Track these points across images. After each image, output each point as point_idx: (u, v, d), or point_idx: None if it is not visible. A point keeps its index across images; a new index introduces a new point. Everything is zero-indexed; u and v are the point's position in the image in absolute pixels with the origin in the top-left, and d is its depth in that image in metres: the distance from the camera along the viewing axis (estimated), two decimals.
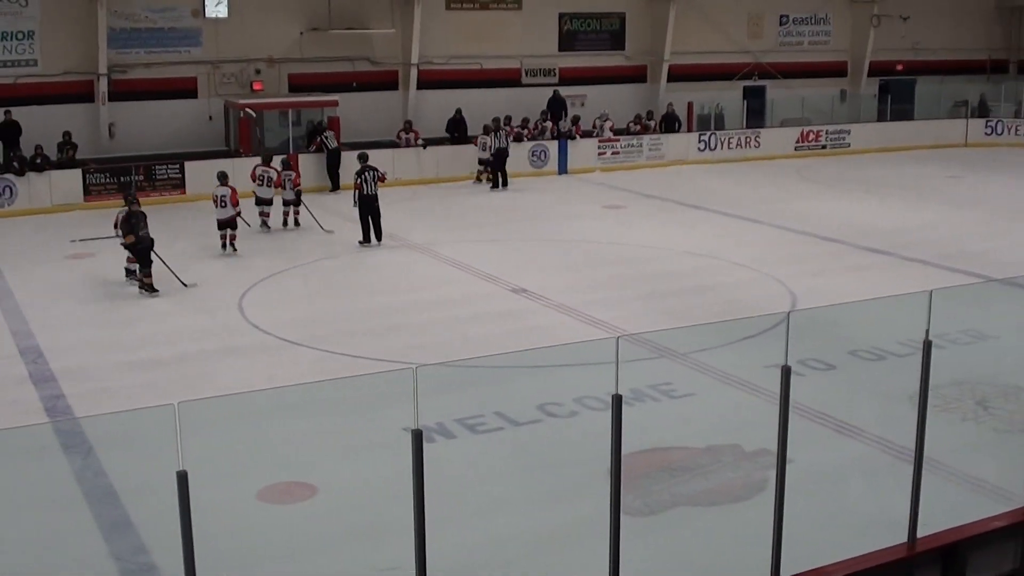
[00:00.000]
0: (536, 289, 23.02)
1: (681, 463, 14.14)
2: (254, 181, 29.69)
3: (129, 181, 33.07)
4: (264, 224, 29.84)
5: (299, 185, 30.39)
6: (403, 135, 38.40)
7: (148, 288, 22.86)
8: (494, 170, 36.91)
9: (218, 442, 13.43)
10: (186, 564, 8.18)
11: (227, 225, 26.91)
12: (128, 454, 14.05)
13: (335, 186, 35.51)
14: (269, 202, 29.78)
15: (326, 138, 35.66)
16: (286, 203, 30.34)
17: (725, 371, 17.35)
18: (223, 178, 27.10)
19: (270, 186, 29.56)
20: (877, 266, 25.54)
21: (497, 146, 36.90)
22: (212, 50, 37.16)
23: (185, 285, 23.11)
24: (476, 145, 37.81)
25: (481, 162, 37.58)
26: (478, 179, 37.62)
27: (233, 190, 26.75)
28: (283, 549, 12.29)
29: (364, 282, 24.72)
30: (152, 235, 23.12)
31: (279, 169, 29.93)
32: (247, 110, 36.07)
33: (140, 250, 22.96)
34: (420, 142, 38.04)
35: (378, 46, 39.67)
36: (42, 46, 34.80)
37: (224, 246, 27.07)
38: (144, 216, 23.28)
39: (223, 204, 26.71)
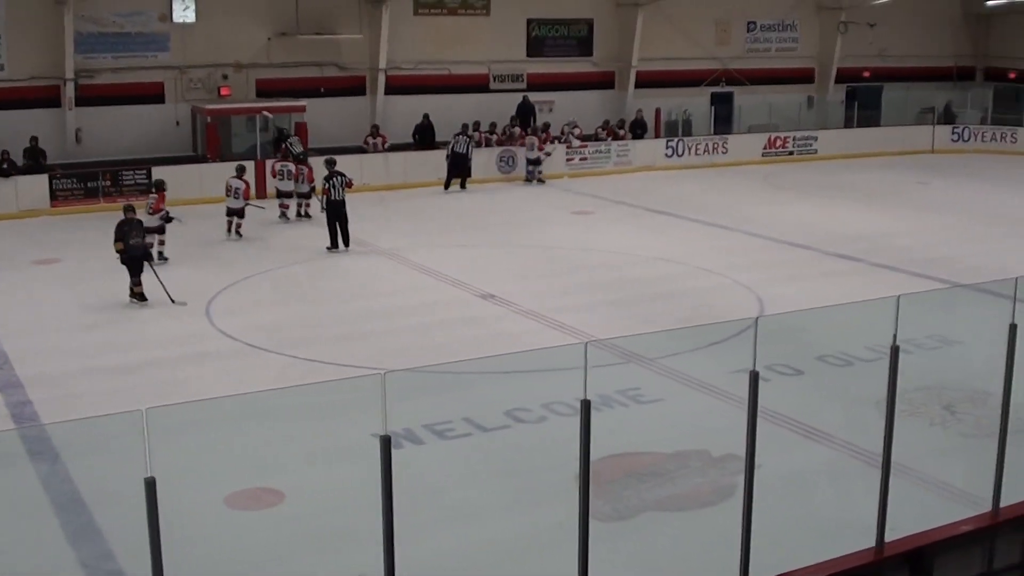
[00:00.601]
0: (504, 295, 23.02)
1: (649, 468, 14.16)
2: (274, 176, 32.80)
3: (96, 186, 33.01)
4: (283, 215, 32.15)
5: (313, 181, 31.81)
6: (370, 140, 38.34)
7: (138, 297, 22.58)
8: (449, 174, 37.37)
9: (186, 448, 13.37)
10: (154, 571, 8.13)
11: (235, 214, 29.46)
12: (95, 460, 13.96)
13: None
14: (289, 195, 32.19)
15: (290, 144, 35.55)
16: (300, 195, 32.45)
17: (693, 376, 17.38)
18: (240, 171, 30.03)
19: (290, 179, 32.17)
20: (845, 272, 25.63)
21: (455, 150, 37.21)
22: (179, 55, 37.00)
23: (173, 302, 22.58)
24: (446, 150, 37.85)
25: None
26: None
27: (247, 184, 30.14)
28: (251, 555, 12.25)
29: (332, 288, 24.68)
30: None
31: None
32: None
33: (129, 259, 22.55)
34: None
35: (346, 51, 39.59)
36: (8, 51, 34.58)
37: (229, 231, 29.52)
38: (139, 224, 23.06)
39: (236, 195, 29.43)
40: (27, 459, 14.54)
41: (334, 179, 27.63)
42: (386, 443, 8.57)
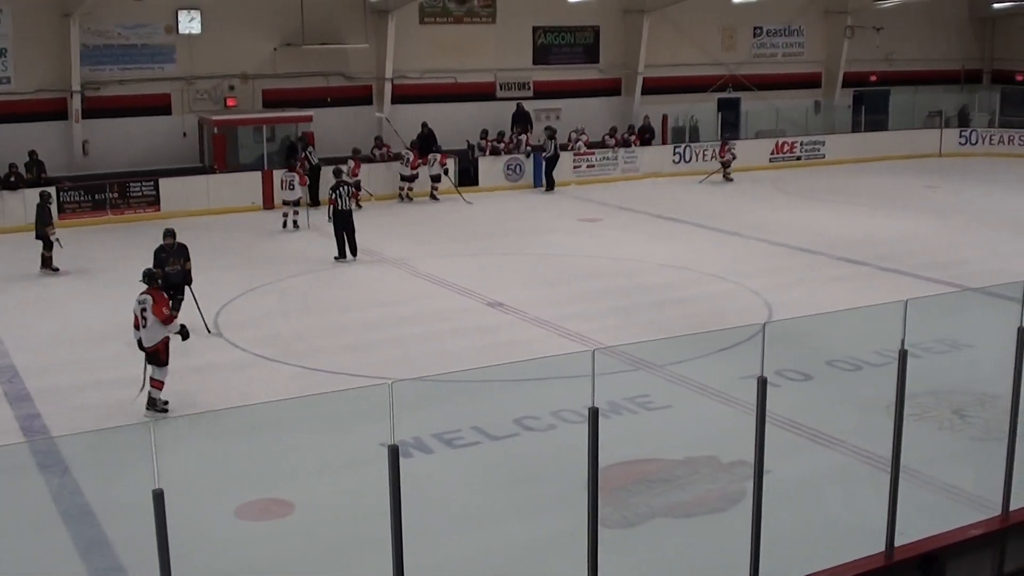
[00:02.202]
0: (512, 303, 23.01)
1: (658, 475, 14.15)
2: (282, 188, 32.90)
3: (104, 199, 33.09)
4: (294, 224, 32.48)
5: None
6: (375, 151, 38.30)
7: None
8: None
9: (196, 460, 13.41)
10: None
11: (292, 205, 31.92)
12: (105, 473, 13.99)
13: (315, 202, 35.41)
14: (296, 203, 32.55)
15: (309, 153, 35.67)
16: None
17: (702, 383, 17.37)
18: (292, 163, 32.53)
19: (290, 188, 32.38)
20: (853, 277, 25.60)
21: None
22: (185, 66, 37.03)
23: (209, 332, 21.30)
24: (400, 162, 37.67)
25: (403, 178, 37.59)
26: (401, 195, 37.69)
27: (302, 174, 32.35)
28: (261, 566, 12.26)
29: (339, 298, 24.67)
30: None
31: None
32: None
33: (167, 285, 20.40)
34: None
35: (352, 61, 39.60)
36: (15, 64, 34.62)
37: (284, 225, 31.92)
38: (180, 249, 21.45)
39: (291, 187, 31.90)
40: (37, 472, 14.58)
41: (340, 188, 27.65)
42: (394, 452, 8.58)
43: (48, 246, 26.86)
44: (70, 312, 23.40)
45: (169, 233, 21.61)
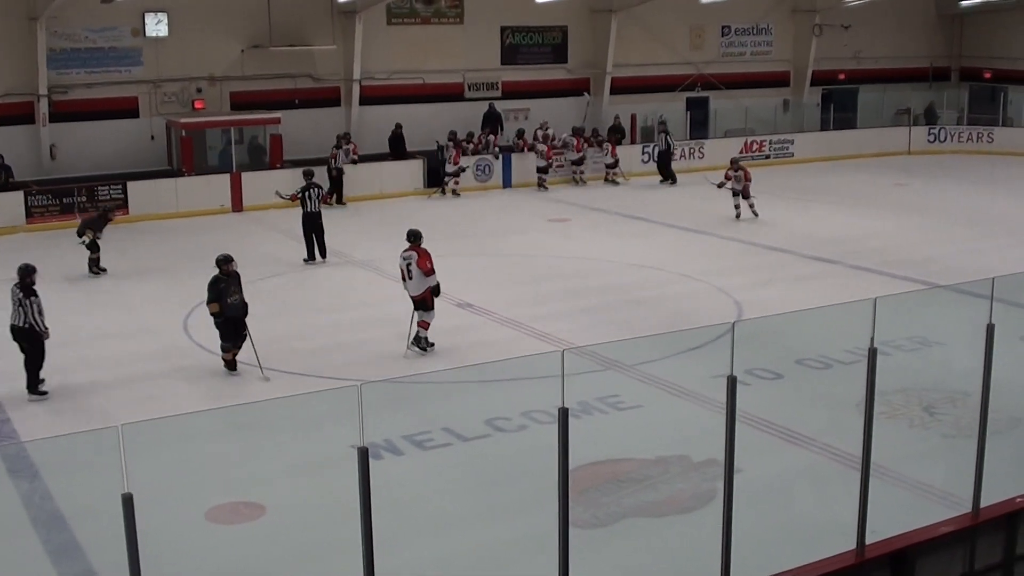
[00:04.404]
0: (481, 303, 23.00)
1: (630, 475, 14.15)
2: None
3: (72, 202, 32.98)
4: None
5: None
6: (335, 151, 38.06)
7: (231, 366, 19.27)
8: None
9: (166, 463, 13.35)
10: None
11: (451, 176, 33.73)
12: (74, 477, 13.95)
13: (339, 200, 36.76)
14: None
15: (346, 152, 36.99)
16: None
17: (672, 382, 17.38)
18: (452, 136, 34.62)
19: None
20: (822, 275, 25.68)
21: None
22: (153, 69, 36.87)
23: (262, 373, 19.03)
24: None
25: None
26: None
27: (458, 150, 33.20)
28: (232, 569, 12.24)
29: (308, 299, 24.61)
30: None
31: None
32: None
33: (227, 320, 19.10)
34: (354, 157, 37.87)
35: (320, 63, 39.51)
36: None
37: (444, 191, 34.43)
38: (238, 278, 19.46)
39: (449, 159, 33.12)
40: (7, 477, 14.56)
41: (310, 190, 27.59)
42: (363, 454, 8.56)
43: (95, 247, 26.84)
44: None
45: (226, 260, 19.31)
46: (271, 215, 33.94)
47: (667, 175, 41.13)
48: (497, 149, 40.57)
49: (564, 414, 9.25)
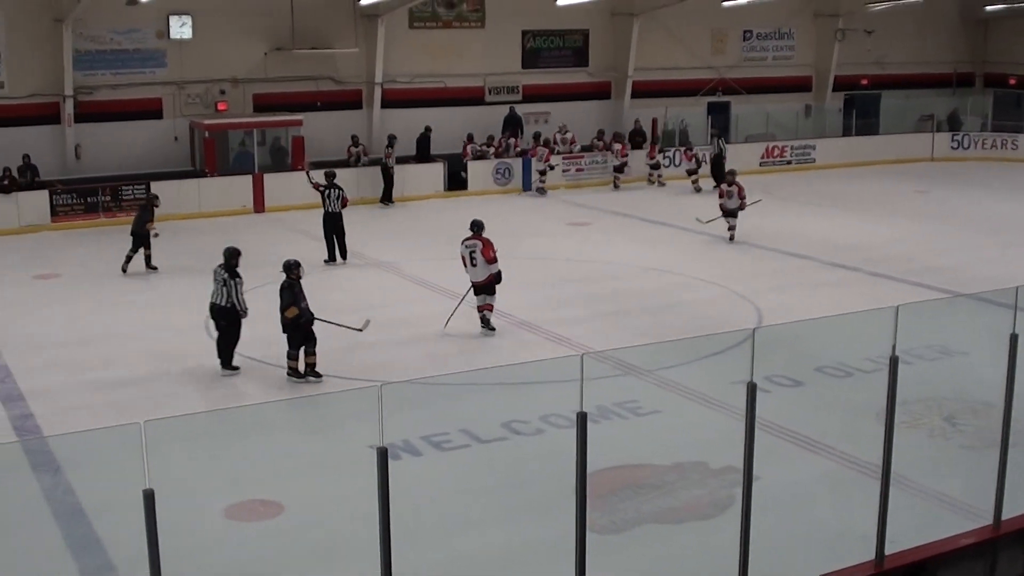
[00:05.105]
0: (501, 307, 22.96)
1: (647, 481, 14.14)
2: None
3: (96, 202, 33.19)
4: None
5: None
6: (352, 150, 38.27)
7: (315, 374, 19.00)
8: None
9: (186, 460, 13.41)
10: None
11: (729, 214, 30.34)
12: (96, 473, 14.01)
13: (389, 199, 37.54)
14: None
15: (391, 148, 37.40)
16: None
17: (691, 388, 17.36)
18: (732, 175, 31.53)
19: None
20: (843, 282, 25.61)
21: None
22: (177, 71, 37.00)
23: (361, 329, 19.74)
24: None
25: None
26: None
27: (740, 187, 30.56)
28: (250, 566, 12.29)
29: (329, 301, 24.51)
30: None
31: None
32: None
33: (299, 325, 19.01)
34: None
35: (342, 65, 39.58)
36: (8, 68, 34.63)
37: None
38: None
39: (730, 197, 30.39)
40: (29, 471, 14.63)
41: (331, 190, 27.63)
42: (383, 455, 8.57)
43: (147, 244, 27.07)
44: (61, 313, 23.39)
45: (296, 265, 19.34)
46: (292, 216, 34.04)
47: (720, 181, 40.60)
48: (518, 151, 40.61)
49: (583, 418, 9.24)
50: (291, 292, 18.97)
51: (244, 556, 12.50)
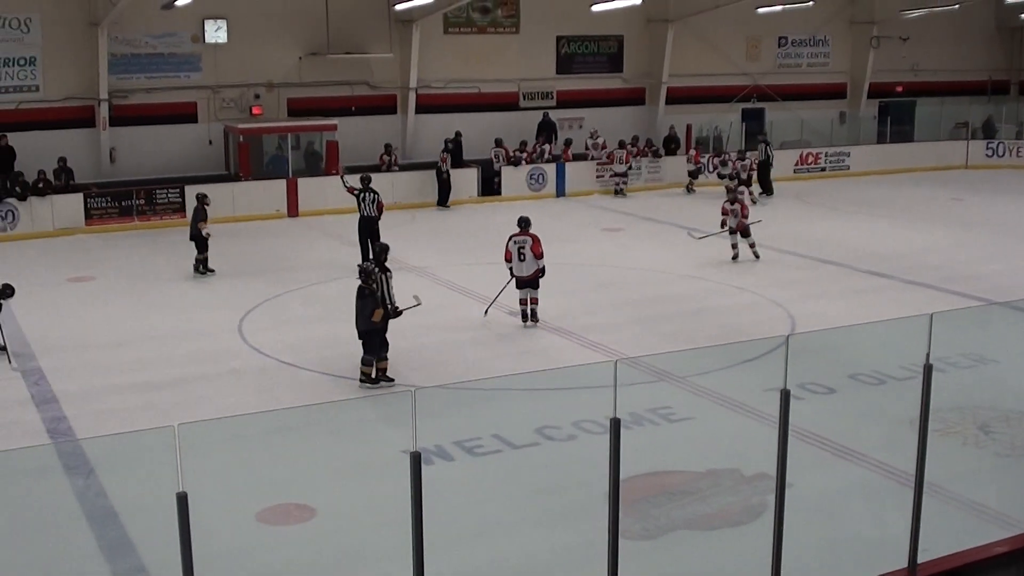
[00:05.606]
0: None
1: (680, 487, 14.11)
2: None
3: (131, 205, 33.42)
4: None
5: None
6: (384, 158, 38.33)
7: (386, 378, 18.63)
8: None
9: (219, 463, 13.46)
10: None
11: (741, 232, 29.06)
12: (129, 475, 14.07)
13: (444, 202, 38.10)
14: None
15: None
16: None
17: (724, 395, 17.32)
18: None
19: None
20: (877, 289, 25.51)
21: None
22: (211, 75, 37.20)
23: (420, 303, 19.70)
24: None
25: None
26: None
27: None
28: (282, 570, 12.30)
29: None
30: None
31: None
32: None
33: (373, 332, 18.67)
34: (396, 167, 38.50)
35: (376, 70, 39.71)
36: (44, 72, 34.86)
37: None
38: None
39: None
40: (63, 473, 14.70)
41: (366, 194, 27.68)
42: (416, 459, 8.58)
43: (203, 247, 27.11)
44: (95, 315, 23.49)
45: (372, 272, 18.95)
46: (326, 220, 34.17)
47: (766, 187, 40.91)
48: (551, 157, 40.66)
49: (616, 424, 9.24)
50: (374, 297, 18.52)
51: (276, 560, 12.52)
